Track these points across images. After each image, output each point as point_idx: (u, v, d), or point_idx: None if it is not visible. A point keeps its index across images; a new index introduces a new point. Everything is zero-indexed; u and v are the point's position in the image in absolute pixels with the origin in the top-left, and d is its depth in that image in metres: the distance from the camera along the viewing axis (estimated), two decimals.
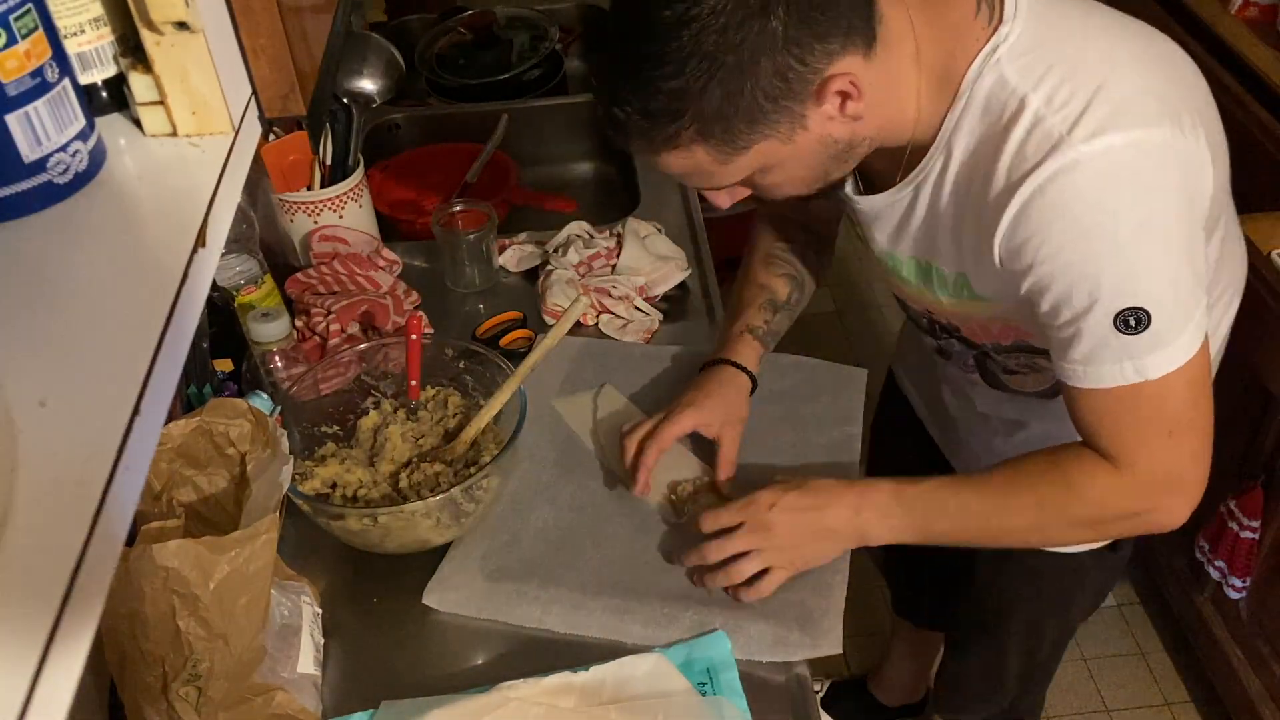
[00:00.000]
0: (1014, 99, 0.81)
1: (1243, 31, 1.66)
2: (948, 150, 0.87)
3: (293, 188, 1.41)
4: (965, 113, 0.85)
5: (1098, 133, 0.78)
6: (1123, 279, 0.81)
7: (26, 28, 0.56)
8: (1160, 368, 0.84)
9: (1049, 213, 0.80)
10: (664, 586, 1.02)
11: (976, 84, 0.83)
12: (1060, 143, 0.78)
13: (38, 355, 0.52)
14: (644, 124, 0.82)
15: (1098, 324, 0.83)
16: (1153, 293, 0.81)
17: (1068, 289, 0.83)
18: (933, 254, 0.96)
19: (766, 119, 0.81)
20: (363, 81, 1.48)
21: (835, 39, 0.79)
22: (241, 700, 0.86)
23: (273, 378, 1.18)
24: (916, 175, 0.91)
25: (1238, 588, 1.69)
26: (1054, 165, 0.79)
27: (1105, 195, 0.79)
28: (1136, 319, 0.81)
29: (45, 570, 0.42)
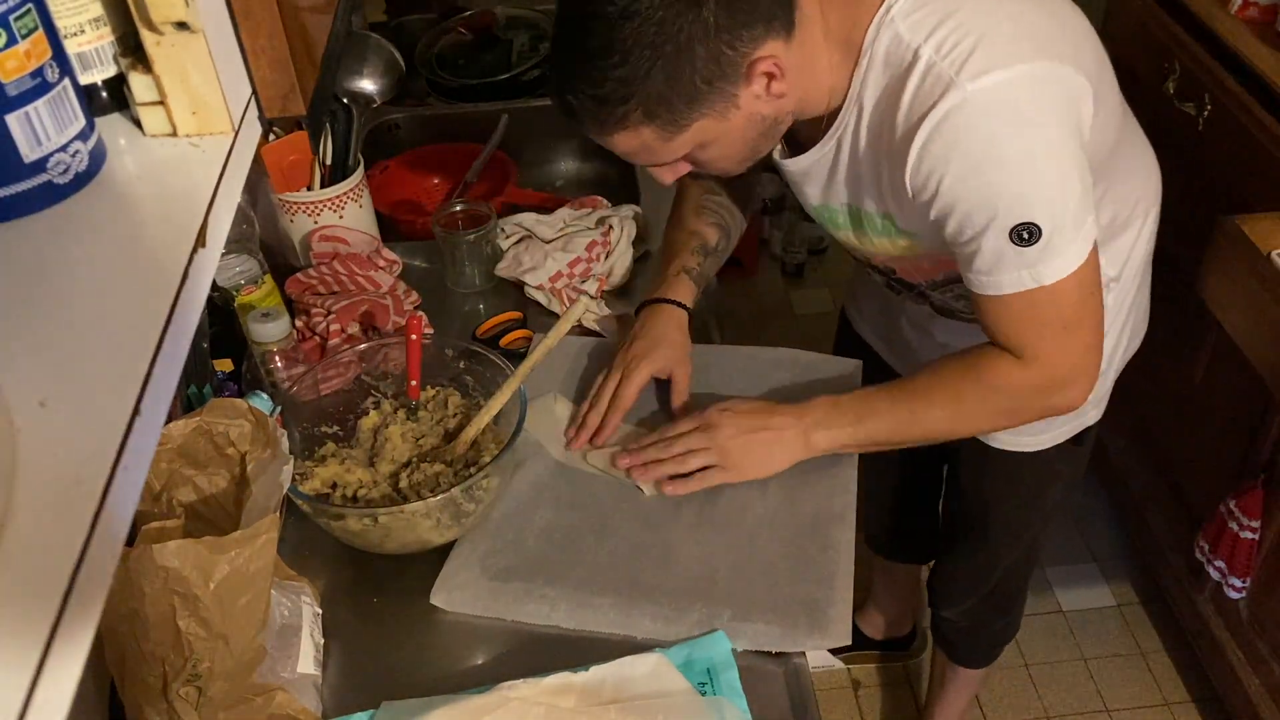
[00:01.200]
0: (908, 51, 0.91)
1: (1243, 31, 1.66)
2: (859, 105, 0.97)
3: (293, 188, 1.41)
4: (869, 71, 0.95)
5: (981, 72, 0.88)
6: (1014, 198, 0.91)
7: (26, 28, 0.56)
8: (1054, 274, 0.94)
9: (945, 146, 0.90)
10: (671, 581, 1.02)
11: (875, 43, 0.93)
12: (950, 84, 0.88)
13: (38, 355, 0.52)
14: (595, 108, 0.92)
15: (996, 239, 0.93)
16: (1042, 208, 0.91)
17: (968, 211, 0.92)
18: (859, 199, 1.06)
19: (704, 99, 0.91)
20: (363, 81, 1.48)
21: (758, 25, 0.89)
22: (241, 700, 0.86)
23: (273, 378, 1.18)
24: (835, 131, 1.01)
25: (1238, 588, 1.69)
26: (947, 104, 0.88)
27: (992, 126, 0.89)
28: (1029, 232, 0.91)
29: (45, 570, 0.42)
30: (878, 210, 1.05)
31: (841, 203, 1.08)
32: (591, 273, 1.38)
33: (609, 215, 1.44)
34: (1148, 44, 1.85)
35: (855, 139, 1.00)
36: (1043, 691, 1.99)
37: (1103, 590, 2.15)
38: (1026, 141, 0.90)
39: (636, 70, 0.88)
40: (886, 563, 1.90)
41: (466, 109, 1.84)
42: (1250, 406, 1.64)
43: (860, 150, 1.00)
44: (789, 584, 1.01)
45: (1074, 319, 0.99)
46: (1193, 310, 1.64)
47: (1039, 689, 1.99)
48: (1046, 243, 0.92)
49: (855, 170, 1.03)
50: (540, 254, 1.39)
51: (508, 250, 1.43)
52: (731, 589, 1.01)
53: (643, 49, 0.87)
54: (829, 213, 1.11)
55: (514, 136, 1.73)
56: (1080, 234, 0.94)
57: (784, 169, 1.10)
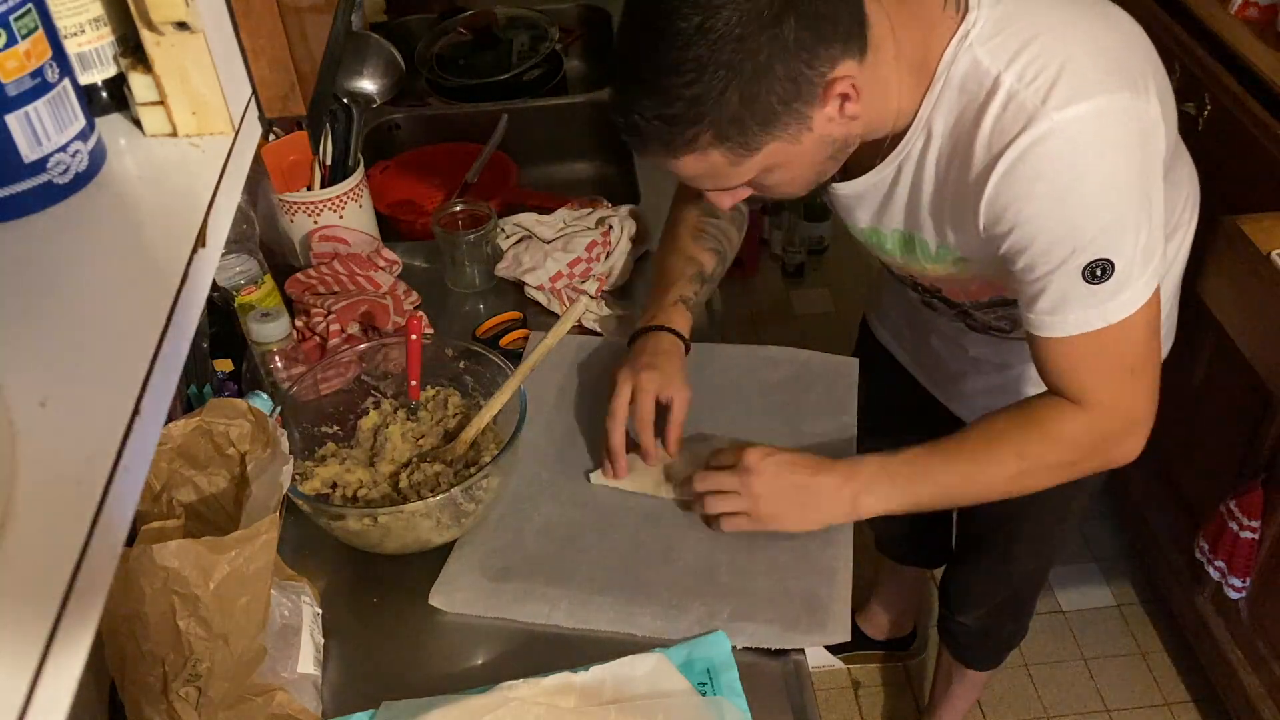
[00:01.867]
0: (988, 78, 0.88)
1: (1243, 31, 1.66)
2: (928, 130, 0.94)
3: (293, 188, 1.41)
4: (943, 95, 0.92)
5: (1067, 103, 0.85)
6: (1094, 233, 0.89)
7: (26, 28, 0.56)
8: (1121, 311, 0.92)
9: (1029, 178, 0.87)
10: (671, 578, 1.02)
11: (952, 68, 0.90)
12: (1035, 114, 0.86)
13: (38, 355, 0.52)
14: (664, 129, 0.86)
15: (1067, 276, 0.90)
16: (1117, 243, 0.89)
17: (1046, 246, 0.90)
18: (916, 225, 1.03)
19: (778, 121, 0.87)
20: (363, 81, 1.48)
21: (837, 44, 0.86)
22: (241, 700, 0.86)
23: (273, 378, 1.18)
24: (898, 155, 0.97)
25: (1238, 588, 1.69)
26: (1031, 135, 0.86)
27: (1077, 158, 0.87)
28: (1102, 269, 0.90)
29: (45, 570, 0.42)
30: (934, 237, 1.02)
31: (893, 228, 1.06)
32: (591, 273, 1.39)
33: (609, 215, 1.44)
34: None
35: (920, 165, 0.97)
36: (1043, 691, 1.99)
37: (1103, 590, 2.15)
38: (1110, 174, 0.87)
39: (711, 90, 0.83)
40: (894, 565, 1.89)
41: (466, 109, 1.84)
42: (1250, 406, 1.64)
43: (924, 176, 0.97)
44: (789, 580, 1.01)
45: (1138, 361, 0.96)
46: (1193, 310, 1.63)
47: (1039, 689, 1.99)
48: (1117, 280, 0.90)
49: (916, 196, 1.00)
50: (540, 254, 1.39)
51: (508, 250, 1.43)
52: (732, 585, 1.01)
53: (718, 68, 0.82)
54: (878, 236, 1.09)
55: (514, 136, 1.73)
56: (1149, 271, 0.92)
57: (835, 192, 1.06)
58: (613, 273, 1.40)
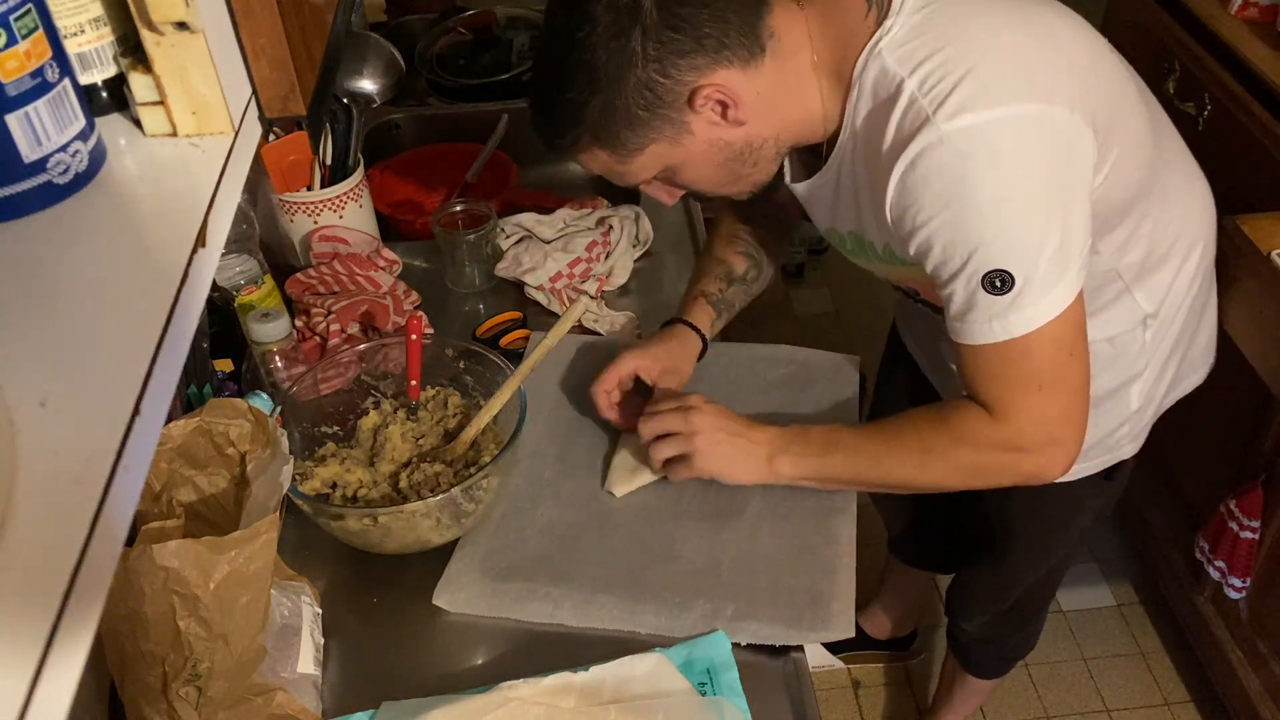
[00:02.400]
0: (893, 83, 0.89)
1: (1243, 31, 1.66)
2: (852, 134, 0.96)
3: (293, 188, 1.41)
4: (859, 101, 0.93)
5: (959, 111, 0.85)
6: (986, 244, 0.88)
7: (26, 28, 0.56)
8: (1023, 326, 0.91)
9: (919, 185, 0.88)
10: (674, 577, 1.02)
11: (863, 74, 0.92)
12: (926, 122, 0.86)
13: (38, 355, 0.52)
14: (552, 132, 0.96)
15: (968, 284, 0.90)
16: (1015, 256, 0.88)
17: (941, 253, 0.90)
18: (859, 226, 1.04)
19: (648, 125, 0.92)
20: (363, 81, 1.48)
21: (701, 55, 0.89)
22: (241, 700, 0.86)
23: (273, 378, 1.18)
24: (835, 158, 1.00)
25: (1238, 588, 1.69)
26: (920, 143, 0.87)
27: (966, 167, 0.86)
28: (1001, 280, 0.89)
29: (45, 570, 0.42)
30: (877, 240, 1.03)
31: (847, 229, 1.07)
32: (591, 273, 1.39)
33: (609, 215, 1.44)
34: (1148, 44, 1.85)
35: (851, 167, 0.99)
36: (1043, 691, 1.99)
37: (1103, 590, 2.15)
38: (1001, 186, 0.86)
39: (579, 96, 0.91)
40: (901, 566, 1.89)
41: (466, 109, 1.84)
42: (1250, 406, 1.63)
43: (856, 179, 0.99)
44: (792, 577, 1.02)
45: (1048, 380, 0.94)
46: None
47: (1039, 689, 1.99)
48: (1018, 293, 0.89)
49: (851, 199, 1.01)
50: (540, 254, 1.39)
51: (508, 250, 1.43)
52: (735, 583, 1.01)
53: (583, 74, 0.89)
54: (836, 237, 1.11)
55: (514, 136, 1.73)
56: (1058, 288, 0.90)
57: (797, 193, 1.09)
58: (613, 273, 1.40)
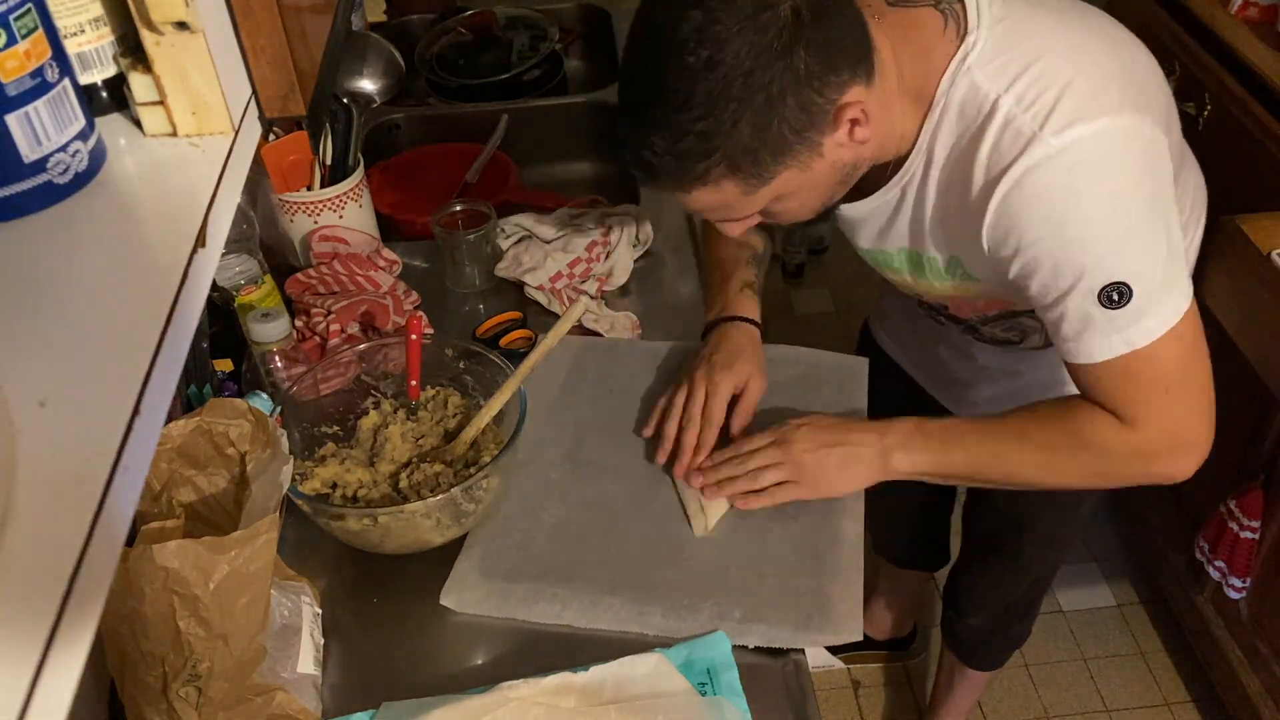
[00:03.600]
0: (986, 102, 0.88)
1: (1243, 31, 1.66)
2: (928, 154, 0.94)
3: (293, 188, 1.41)
4: (942, 119, 0.91)
5: (1066, 126, 0.84)
6: (1100, 258, 0.87)
7: (26, 28, 0.56)
8: (1146, 336, 0.89)
9: (1027, 204, 0.86)
10: (682, 579, 1.02)
11: (950, 92, 0.90)
12: (1032, 139, 0.85)
13: (38, 355, 0.52)
14: (674, 164, 0.87)
15: (1083, 302, 0.88)
16: (1131, 267, 0.87)
17: (1051, 272, 0.89)
18: (922, 244, 1.02)
19: (791, 150, 0.87)
20: (363, 81, 1.48)
21: (845, 70, 0.86)
22: (241, 700, 0.86)
23: (273, 378, 1.18)
24: (900, 179, 0.98)
25: (1238, 588, 1.69)
26: (1028, 160, 0.85)
27: (1076, 183, 0.85)
28: (1119, 293, 0.87)
29: (45, 570, 0.42)
30: (943, 255, 1.01)
31: (899, 247, 1.05)
32: (591, 273, 1.39)
33: (609, 215, 1.44)
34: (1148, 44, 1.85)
35: (922, 188, 0.97)
36: (1043, 691, 1.99)
37: (1103, 590, 2.15)
38: (1111, 198, 0.86)
39: (722, 124, 0.83)
40: (890, 568, 1.89)
41: (466, 109, 1.84)
42: (1250, 406, 1.63)
43: (927, 199, 0.97)
44: (800, 579, 1.01)
45: (1176, 381, 0.93)
46: None
47: (1039, 689, 1.99)
48: (1137, 304, 0.87)
49: (919, 217, 1.00)
50: (540, 254, 1.39)
51: (508, 250, 1.43)
52: (743, 586, 1.01)
53: (729, 101, 0.82)
54: (883, 255, 1.09)
55: (514, 136, 1.73)
56: (1174, 292, 0.89)
57: (841, 214, 1.07)
58: (613, 273, 1.40)
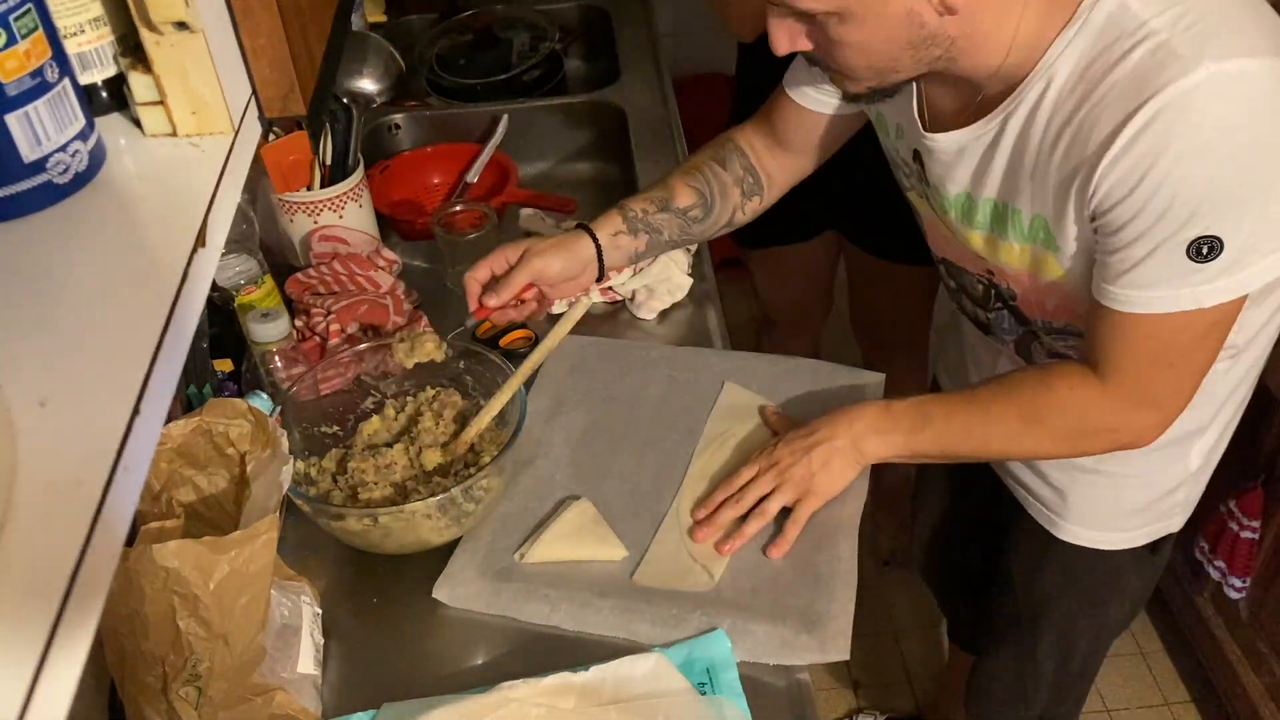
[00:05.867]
0: (1135, 23, 0.80)
1: None
2: (1049, 76, 0.85)
3: (293, 188, 1.41)
4: (1078, 36, 0.83)
5: (1230, 55, 0.77)
6: (1220, 201, 0.80)
7: (26, 28, 0.56)
8: (1207, 300, 0.84)
9: (1169, 131, 0.78)
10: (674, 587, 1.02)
11: (1097, 7, 0.81)
12: (1190, 61, 0.77)
13: (38, 355, 0.52)
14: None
15: (1173, 250, 0.82)
16: (1235, 221, 0.80)
17: (1165, 206, 0.81)
18: (1012, 195, 0.93)
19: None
20: (363, 81, 1.48)
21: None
22: (241, 700, 0.86)
23: (273, 378, 1.18)
24: (1009, 104, 0.89)
25: (1238, 588, 1.69)
26: (1185, 84, 0.77)
27: (1229, 114, 0.78)
28: (1210, 247, 0.81)
29: (45, 570, 0.42)
30: (1030, 212, 0.93)
31: (986, 196, 0.96)
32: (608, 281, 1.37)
33: None
34: None
35: (1030, 118, 0.88)
36: None
37: None
38: (1257, 141, 0.78)
39: None
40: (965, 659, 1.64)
41: (466, 109, 1.84)
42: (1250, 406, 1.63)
43: (1033, 133, 0.88)
44: (792, 594, 1.00)
45: (1184, 355, 0.89)
46: None
47: None
48: (1222, 263, 0.82)
49: (1018, 159, 0.91)
50: None
51: None
52: (734, 598, 1.00)
53: None
54: (969, 205, 0.98)
55: (514, 136, 1.73)
56: (1260, 265, 0.83)
57: (935, 146, 0.97)
58: (635, 298, 1.37)
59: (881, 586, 2.14)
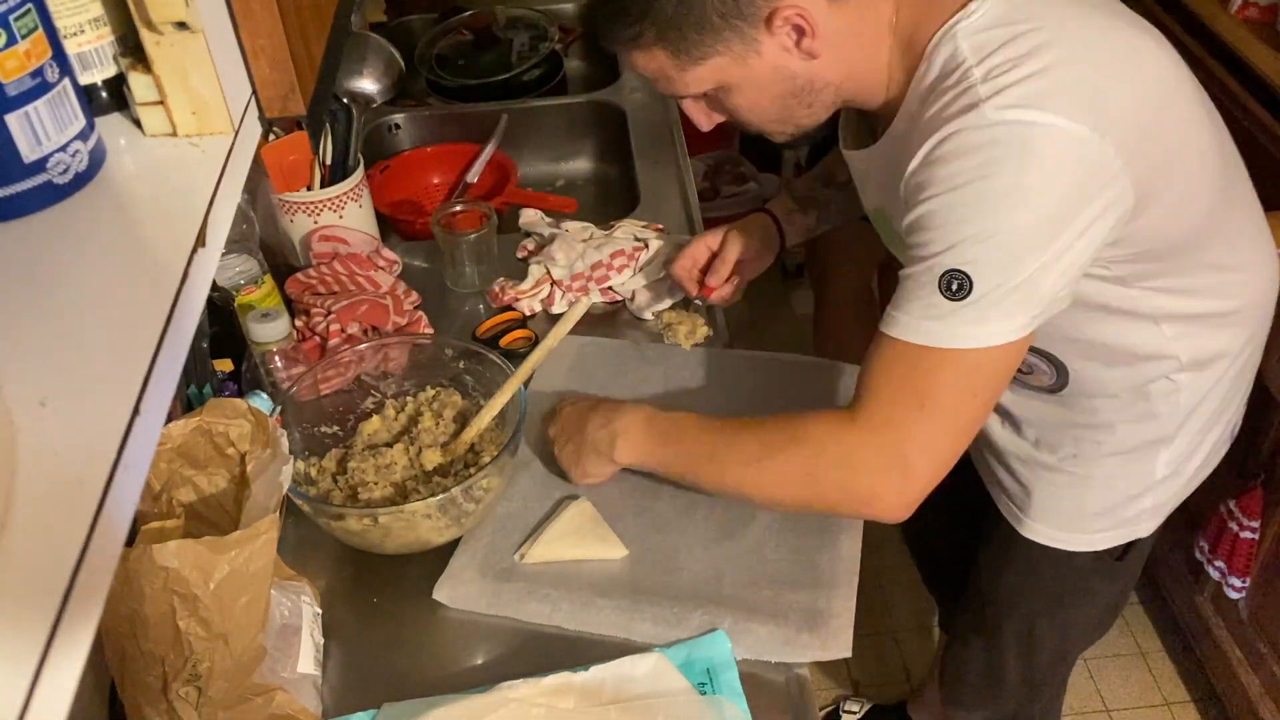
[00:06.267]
0: (959, 67, 0.85)
1: (1243, 31, 1.66)
2: (909, 110, 0.92)
3: (293, 188, 1.41)
4: (924, 76, 0.89)
5: (1013, 105, 0.80)
6: (970, 240, 0.82)
7: (26, 28, 0.56)
8: (949, 341, 0.84)
9: (944, 159, 0.83)
10: (674, 587, 1.02)
11: (935, 51, 0.88)
12: (977, 103, 0.82)
13: (38, 355, 0.52)
14: (610, 21, 0.93)
15: (930, 275, 0.84)
16: (985, 264, 0.82)
17: (927, 232, 0.84)
18: (889, 205, 0.99)
19: (717, 34, 0.89)
20: (363, 81, 1.48)
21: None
22: (241, 700, 0.86)
23: (273, 378, 1.18)
24: (890, 132, 0.96)
25: (1238, 588, 1.69)
26: (964, 121, 0.82)
27: (993, 157, 0.80)
28: (959, 284, 0.83)
29: (45, 570, 0.42)
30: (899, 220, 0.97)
31: (878, 206, 1.04)
32: (608, 280, 1.38)
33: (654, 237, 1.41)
34: None
35: (904, 143, 0.92)
36: None
37: None
38: (1018, 190, 0.80)
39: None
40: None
41: (466, 109, 1.84)
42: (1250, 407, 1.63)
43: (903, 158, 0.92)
44: (793, 594, 1.00)
45: (937, 402, 0.86)
46: None
47: None
48: (966, 305, 0.82)
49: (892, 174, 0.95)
50: (574, 252, 1.38)
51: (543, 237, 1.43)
52: (735, 597, 1.00)
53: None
54: (882, 219, 1.06)
55: (514, 136, 1.73)
56: (1009, 320, 0.83)
57: (849, 160, 1.07)
58: (635, 298, 1.38)
59: (882, 586, 2.14)
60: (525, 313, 1.38)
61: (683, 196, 1.59)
